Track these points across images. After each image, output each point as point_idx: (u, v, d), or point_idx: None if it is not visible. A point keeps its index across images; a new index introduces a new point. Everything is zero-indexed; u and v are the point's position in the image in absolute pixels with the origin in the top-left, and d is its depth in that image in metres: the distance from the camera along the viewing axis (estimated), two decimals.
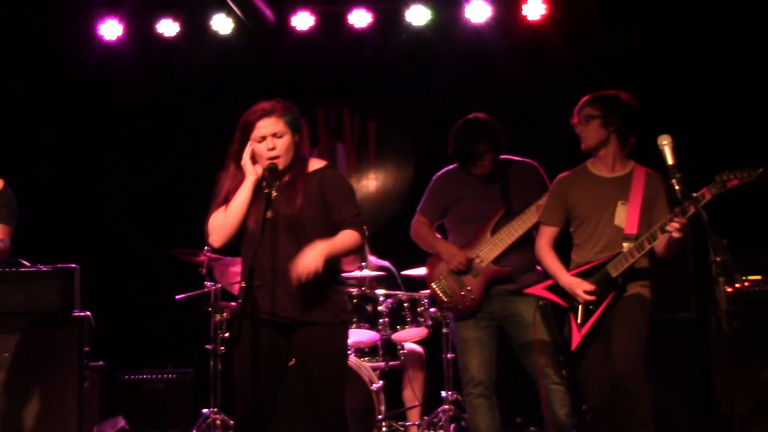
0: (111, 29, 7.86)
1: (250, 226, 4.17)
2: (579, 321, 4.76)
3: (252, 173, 4.19)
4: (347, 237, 4.18)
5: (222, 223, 4.20)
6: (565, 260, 4.90)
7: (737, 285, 4.51)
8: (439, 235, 5.43)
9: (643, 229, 4.66)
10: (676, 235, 4.47)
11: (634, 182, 4.81)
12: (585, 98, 4.96)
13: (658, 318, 6.12)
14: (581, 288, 4.71)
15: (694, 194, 4.37)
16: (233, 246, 4.32)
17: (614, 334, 4.69)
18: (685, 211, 4.44)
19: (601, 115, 4.86)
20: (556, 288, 4.86)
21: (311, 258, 4.02)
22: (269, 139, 4.16)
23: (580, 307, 4.76)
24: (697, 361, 6.17)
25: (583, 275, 4.76)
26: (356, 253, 4.29)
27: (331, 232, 4.18)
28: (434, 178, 5.43)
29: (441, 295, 5.24)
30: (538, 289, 4.94)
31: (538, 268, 5.28)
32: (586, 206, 4.84)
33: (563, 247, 4.96)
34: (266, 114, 4.18)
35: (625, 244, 4.68)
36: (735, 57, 7.10)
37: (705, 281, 5.81)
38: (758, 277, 6.05)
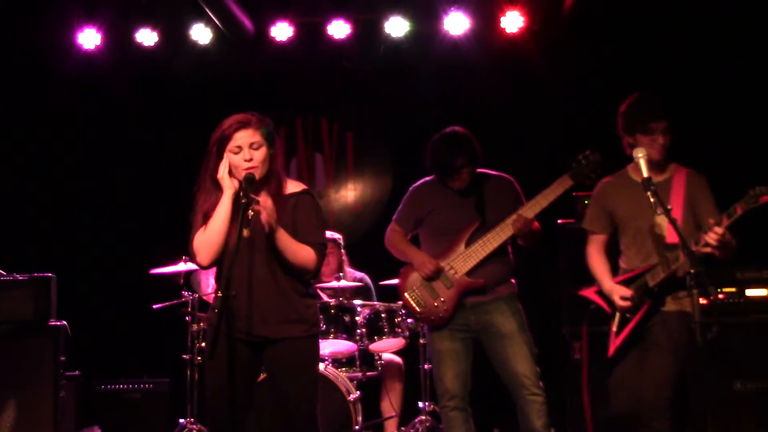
0: (89, 38, 7.86)
1: (228, 240, 4.17)
2: (616, 328, 4.76)
3: (230, 186, 4.17)
4: (303, 248, 4.18)
5: (207, 241, 4.17)
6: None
7: (711, 297, 4.56)
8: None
9: (687, 235, 4.45)
10: (711, 249, 4.40)
11: (674, 187, 4.73)
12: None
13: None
14: (618, 294, 4.68)
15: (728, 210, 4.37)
16: None
17: (650, 354, 4.64)
18: (728, 216, 4.38)
19: None
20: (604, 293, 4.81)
21: (273, 209, 4.04)
22: (246, 149, 4.15)
23: (617, 314, 4.75)
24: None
25: (625, 282, 4.72)
26: (304, 271, 4.22)
27: None
28: (411, 188, 5.44)
29: (414, 305, 5.25)
30: (590, 293, 4.91)
31: (512, 281, 5.31)
32: (624, 212, 4.78)
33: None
34: (243, 126, 4.18)
35: (668, 254, 4.60)
36: (712, 68, 7.15)
37: None
38: (733, 290, 6.09)
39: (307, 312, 4.24)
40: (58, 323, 6.20)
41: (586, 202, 6.36)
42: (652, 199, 4.22)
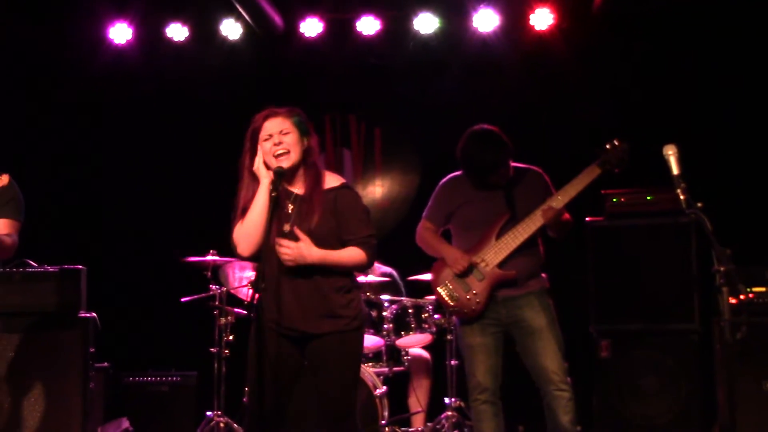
0: (120, 33, 7.92)
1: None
2: None
3: (266, 176, 4.19)
4: (349, 252, 4.21)
5: (245, 232, 4.20)
6: None
7: (741, 296, 4.53)
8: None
9: None
10: None
11: None
12: None
13: (660, 328, 6.19)
14: None
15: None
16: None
17: None
18: None
19: None
20: None
21: (299, 254, 4.07)
22: (276, 135, 4.18)
23: None
24: (699, 372, 6.17)
25: None
26: (357, 270, 4.29)
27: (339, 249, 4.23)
28: (440, 184, 5.45)
29: (447, 299, 5.25)
30: None
31: (543, 275, 5.30)
32: None
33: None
34: (272, 114, 4.24)
35: None
36: (742, 67, 7.11)
37: (708, 292, 5.83)
38: (762, 289, 6.05)
39: (347, 306, 4.25)
40: (88, 315, 6.25)
41: (614, 200, 6.36)
42: (682, 196, 4.19)
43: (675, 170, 4.30)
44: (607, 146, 5.14)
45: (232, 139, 4.52)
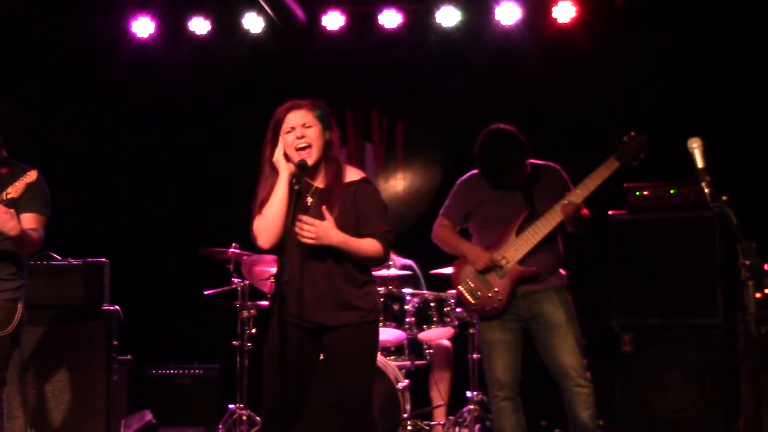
0: (143, 26, 7.95)
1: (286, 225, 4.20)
2: None
3: (285, 168, 4.19)
4: (368, 243, 4.21)
5: (265, 224, 4.20)
6: None
7: (766, 290, 4.49)
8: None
9: None
10: None
11: None
12: None
13: (683, 323, 6.16)
14: None
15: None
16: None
17: None
18: None
19: None
20: None
21: (323, 232, 4.06)
22: (298, 128, 4.18)
23: None
24: (722, 366, 6.14)
25: None
26: (373, 263, 4.28)
27: None
28: (458, 182, 5.43)
29: (468, 297, 5.24)
30: None
31: (562, 271, 5.28)
32: None
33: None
34: (295, 107, 4.23)
35: None
36: (766, 60, 7.06)
37: (732, 285, 5.80)
38: None
39: (364, 298, 4.25)
40: (111, 308, 6.29)
41: (637, 194, 6.34)
42: (707, 190, 4.16)
43: (699, 163, 4.27)
44: (625, 138, 5.12)
45: (254, 132, 4.52)
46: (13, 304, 4.71)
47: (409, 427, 6.14)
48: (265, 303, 6.69)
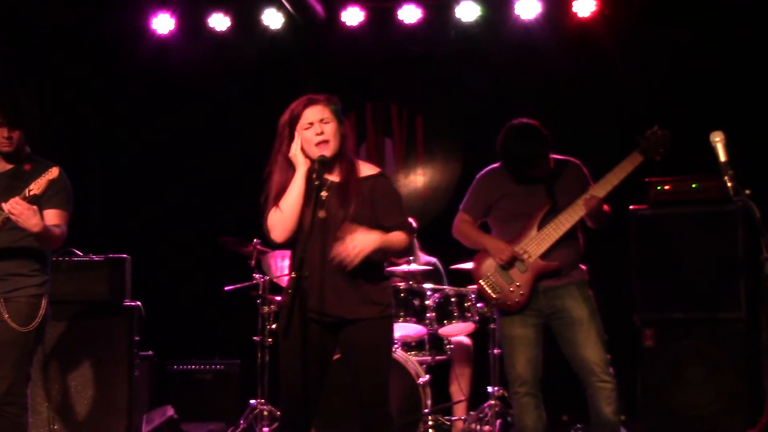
0: (163, 23, 7.97)
1: (302, 220, 4.21)
2: None
3: (303, 163, 4.20)
4: (399, 236, 4.23)
5: (281, 218, 4.20)
6: None
7: None
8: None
9: None
10: None
11: None
12: None
13: (705, 317, 6.14)
14: None
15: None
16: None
17: None
18: None
19: None
20: None
21: (364, 242, 4.06)
22: (317, 124, 4.18)
23: None
24: (745, 361, 6.11)
25: None
26: (403, 254, 4.31)
27: None
28: (478, 176, 5.41)
29: (489, 291, 5.23)
30: None
31: (583, 266, 5.27)
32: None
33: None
34: (312, 102, 4.23)
35: None
36: None
37: (755, 280, 5.77)
38: None
39: (382, 293, 4.26)
40: (133, 304, 6.32)
41: (658, 188, 6.31)
42: (729, 184, 4.14)
43: (722, 157, 4.25)
44: (648, 133, 5.10)
45: (273, 128, 4.52)
46: (37, 300, 4.74)
47: (430, 423, 6.14)
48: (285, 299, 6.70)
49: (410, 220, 6.59)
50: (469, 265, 5.67)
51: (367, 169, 4.32)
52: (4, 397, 4.63)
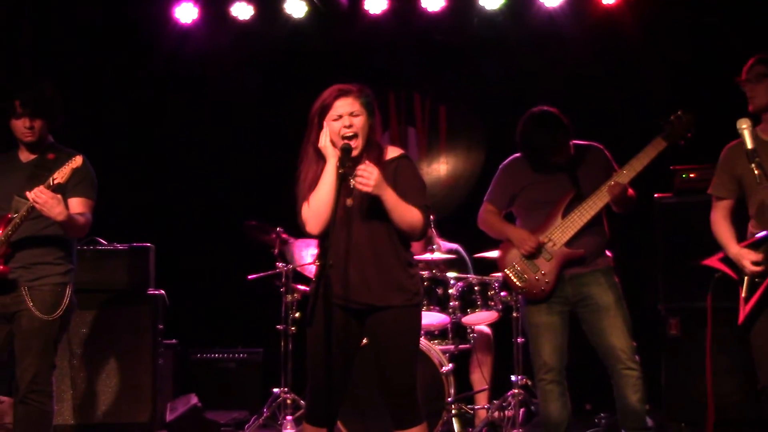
0: (186, 12, 7.97)
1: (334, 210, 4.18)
2: (744, 294, 4.56)
3: (333, 155, 4.17)
4: (412, 209, 4.17)
5: (315, 210, 4.16)
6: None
7: None
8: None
9: None
10: None
11: None
12: (758, 56, 4.72)
13: (731, 306, 6.08)
14: (747, 259, 4.49)
15: None
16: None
17: None
18: None
19: None
20: (730, 260, 4.62)
21: (372, 176, 4.02)
22: (346, 117, 4.16)
23: (746, 279, 4.55)
24: None
25: (753, 246, 4.53)
26: (414, 232, 4.22)
27: None
28: (501, 166, 5.40)
29: (515, 280, 5.22)
30: (713, 261, 4.74)
31: (608, 253, 5.24)
32: (751, 174, 4.38)
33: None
34: (343, 94, 4.19)
35: None
36: None
37: None
38: None
39: (409, 281, 4.23)
40: (157, 292, 6.34)
41: (684, 176, 6.26)
42: (756, 171, 4.10)
43: (749, 144, 4.22)
44: (672, 118, 5.05)
45: (295, 117, 4.52)
46: (62, 288, 4.75)
47: (453, 411, 6.14)
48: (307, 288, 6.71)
49: None
50: (493, 254, 5.66)
51: (392, 152, 4.31)
52: (29, 385, 4.66)
